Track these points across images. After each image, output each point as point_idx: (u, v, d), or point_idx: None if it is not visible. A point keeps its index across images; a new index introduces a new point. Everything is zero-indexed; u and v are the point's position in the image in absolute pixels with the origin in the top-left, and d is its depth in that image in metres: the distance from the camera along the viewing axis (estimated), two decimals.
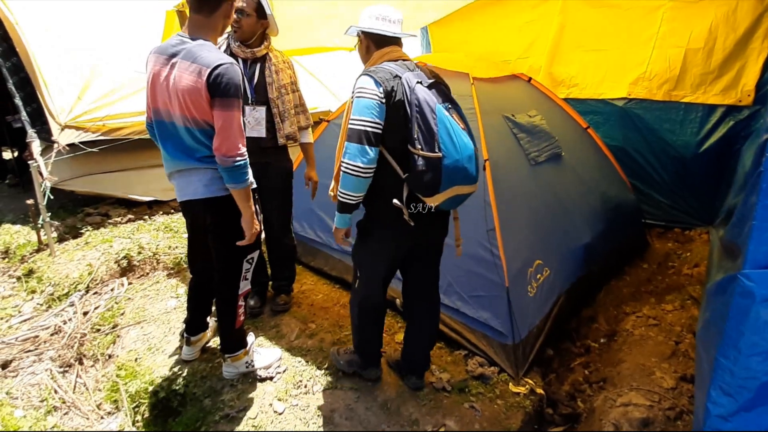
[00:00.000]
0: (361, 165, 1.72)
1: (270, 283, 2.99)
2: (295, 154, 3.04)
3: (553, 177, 3.05)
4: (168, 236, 4.11)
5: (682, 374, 2.26)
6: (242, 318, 2.22)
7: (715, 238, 3.52)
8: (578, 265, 2.92)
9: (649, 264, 3.62)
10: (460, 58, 3.43)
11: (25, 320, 3.18)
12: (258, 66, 2.54)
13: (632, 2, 3.93)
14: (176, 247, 3.93)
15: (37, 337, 2.93)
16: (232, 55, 2.48)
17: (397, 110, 1.75)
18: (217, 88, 1.77)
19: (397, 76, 1.76)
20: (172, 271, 3.55)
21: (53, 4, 4.45)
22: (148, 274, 3.63)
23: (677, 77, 3.76)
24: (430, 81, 1.80)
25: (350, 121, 1.74)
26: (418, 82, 1.75)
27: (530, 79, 3.46)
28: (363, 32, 1.90)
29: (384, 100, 1.73)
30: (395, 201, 1.81)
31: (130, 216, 4.56)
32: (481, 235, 2.55)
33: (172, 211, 4.81)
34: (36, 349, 2.86)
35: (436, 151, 1.71)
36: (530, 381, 2.28)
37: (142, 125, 4.42)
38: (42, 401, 2.53)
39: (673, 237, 4.05)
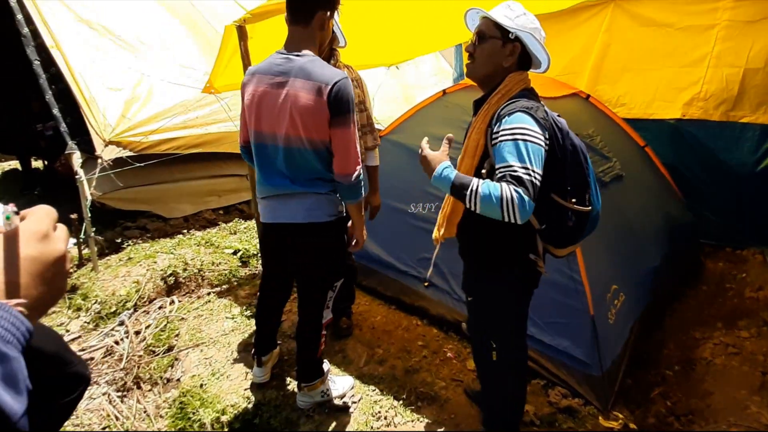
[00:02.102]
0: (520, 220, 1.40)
1: None
2: None
3: (619, 197, 2.97)
4: (209, 251, 4.04)
5: None
6: (323, 347, 2.14)
7: None
8: (649, 289, 2.84)
9: (708, 285, 3.54)
10: None
11: (73, 339, 3.10)
12: None
13: (685, 22, 3.88)
14: (219, 263, 3.86)
15: (91, 359, 2.84)
16: None
17: (547, 155, 1.49)
18: (338, 106, 1.72)
19: (546, 114, 1.54)
20: (220, 290, 3.46)
21: (97, 18, 4.42)
22: (193, 291, 3.55)
23: (735, 97, 3.69)
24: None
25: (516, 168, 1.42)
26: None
27: (588, 96, 3.40)
28: (522, 43, 1.57)
29: (548, 148, 1.47)
30: (531, 255, 1.63)
31: (167, 229, 4.49)
32: (558, 260, 2.46)
33: (208, 224, 4.75)
34: (91, 371, 2.78)
35: (587, 204, 1.55)
36: (620, 415, 2.19)
37: (185, 140, 4.41)
38: (104, 428, 2.45)
39: (724, 257, 3.96)
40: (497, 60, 1.59)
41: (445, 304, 2.89)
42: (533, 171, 1.39)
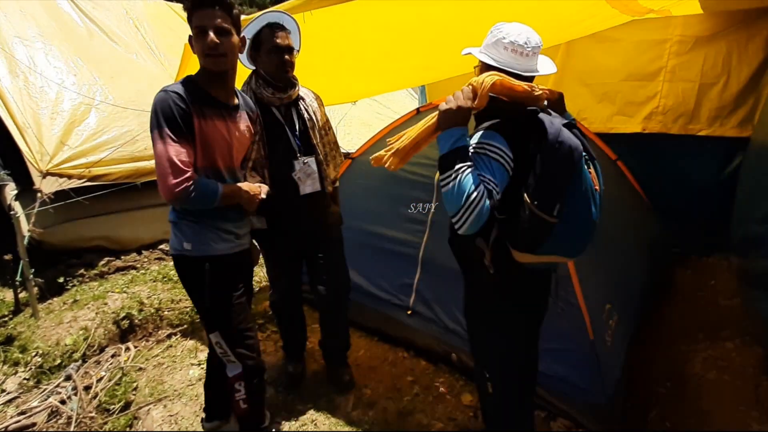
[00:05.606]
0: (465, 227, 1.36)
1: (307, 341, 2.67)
2: None
3: (602, 213, 2.94)
4: (168, 287, 3.69)
5: None
6: (244, 406, 1.86)
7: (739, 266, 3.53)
8: (638, 305, 2.80)
9: (682, 295, 3.58)
10: None
11: (10, 400, 2.68)
12: (294, 110, 2.23)
13: (638, 36, 3.98)
14: (179, 300, 3.53)
15: (33, 425, 2.45)
16: (265, 106, 2.12)
17: (523, 147, 1.43)
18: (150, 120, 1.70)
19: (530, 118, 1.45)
20: (182, 330, 3.14)
21: (32, 36, 4.02)
22: (151, 334, 3.21)
23: (692, 111, 3.81)
24: (568, 121, 1.49)
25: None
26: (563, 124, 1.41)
27: None
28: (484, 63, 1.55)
29: (512, 165, 1.43)
30: (477, 239, 1.50)
31: (118, 264, 4.09)
32: (550, 279, 2.36)
33: (165, 256, 4.37)
34: None
35: (554, 214, 1.38)
36: None
37: (130, 170, 4.03)
38: None
39: (690, 265, 4.04)
40: None
41: (432, 334, 2.72)
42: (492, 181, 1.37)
